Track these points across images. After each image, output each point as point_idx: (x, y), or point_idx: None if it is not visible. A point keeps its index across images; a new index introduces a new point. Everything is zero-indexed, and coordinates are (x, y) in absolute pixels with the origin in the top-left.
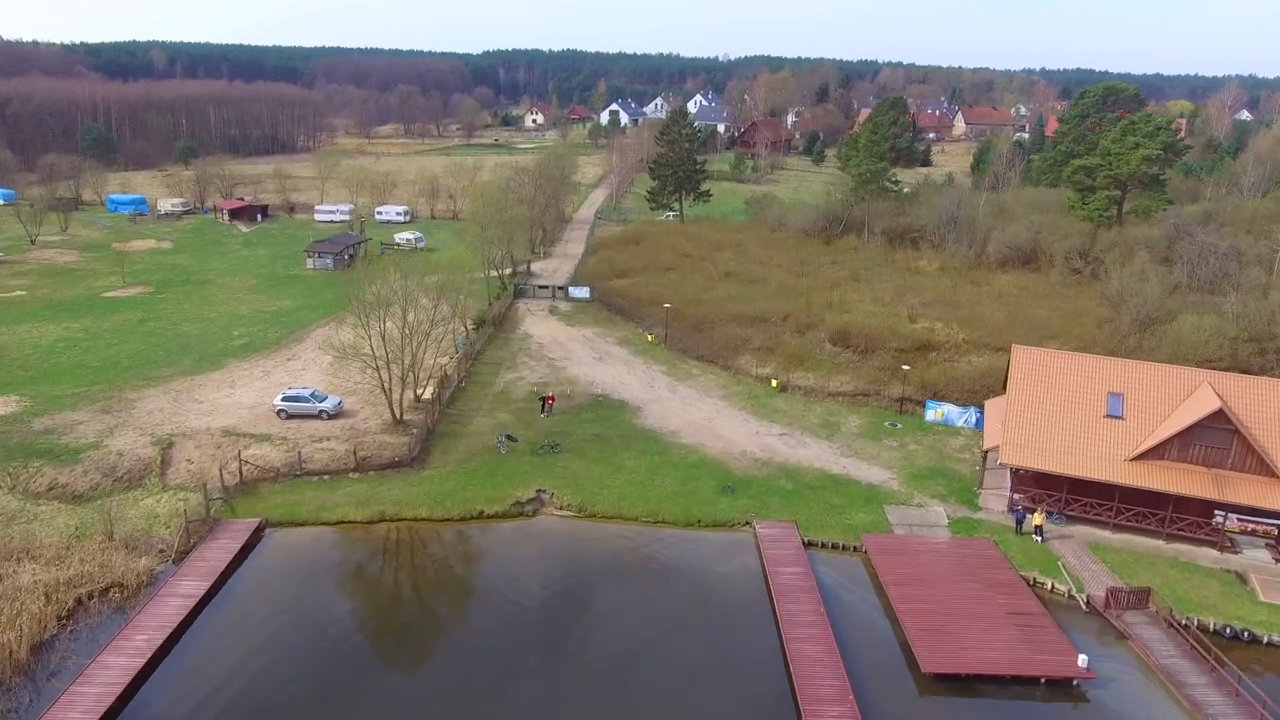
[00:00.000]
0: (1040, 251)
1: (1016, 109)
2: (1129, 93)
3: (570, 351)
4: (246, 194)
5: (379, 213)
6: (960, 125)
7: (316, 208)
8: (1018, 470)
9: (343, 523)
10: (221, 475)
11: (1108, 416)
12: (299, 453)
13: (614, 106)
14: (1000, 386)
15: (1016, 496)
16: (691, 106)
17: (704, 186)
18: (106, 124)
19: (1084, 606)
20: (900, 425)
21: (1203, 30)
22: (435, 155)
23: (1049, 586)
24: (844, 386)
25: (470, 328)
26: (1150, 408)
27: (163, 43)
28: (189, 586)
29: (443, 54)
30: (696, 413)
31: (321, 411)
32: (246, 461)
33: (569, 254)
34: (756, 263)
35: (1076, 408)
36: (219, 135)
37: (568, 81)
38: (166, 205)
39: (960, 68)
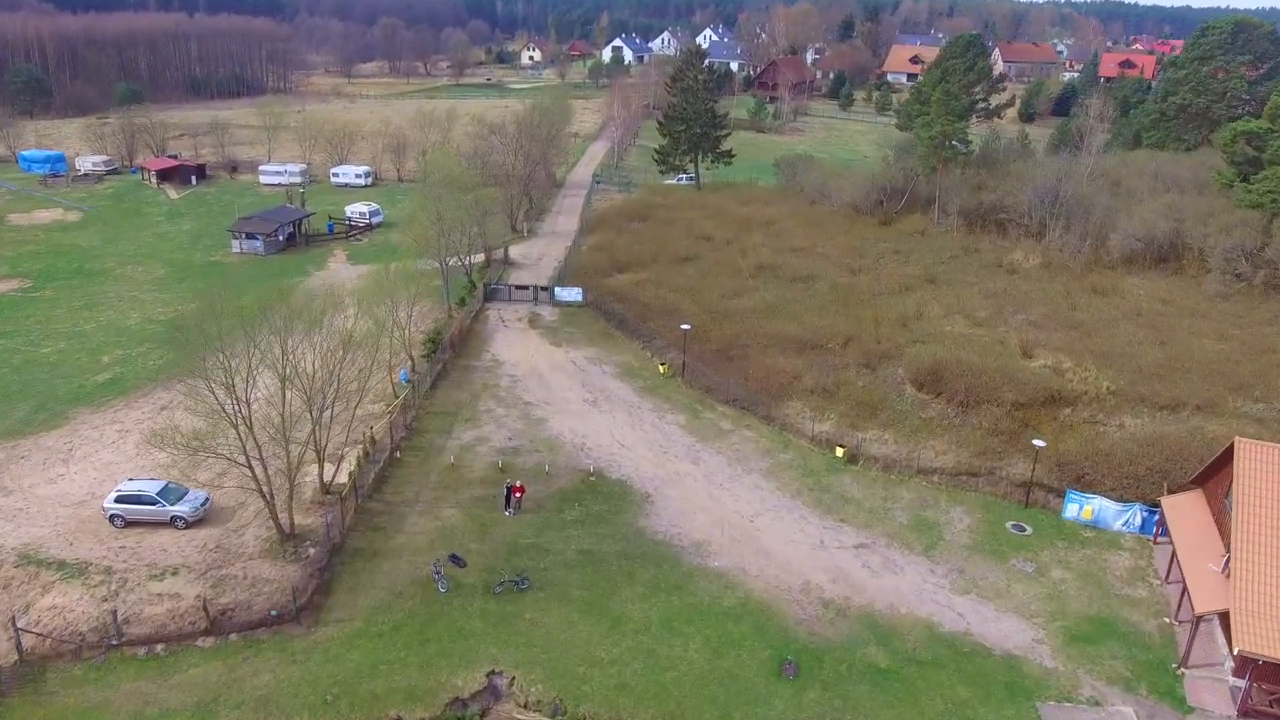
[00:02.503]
0: (1184, 248)
1: (1055, 44)
2: (1263, 29)
3: (553, 390)
4: (186, 149)
5: (335, 174)
6: (999, 64)
7: (261, 168)
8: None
9: None
10: None
11: None
12: (115, 611)
13: (616, 42)
14: (1179, 471)
15: (1253, 692)
16: (701, 42)
17: (725, 145)
18: (42, 63)
19: None
20: (1029, 530)
21: None
22: (419, 97)
23: None
24: (940, 459)
25: (416, 358)
26: None
27: None
28: None
29: None
30: (731, 504)
31: (175, 518)
32: (28, 630)
33: (559, 231)
34: (797, 250)
35: None
36: (182, 75)
37: (568, 14)
38: (86, 164)
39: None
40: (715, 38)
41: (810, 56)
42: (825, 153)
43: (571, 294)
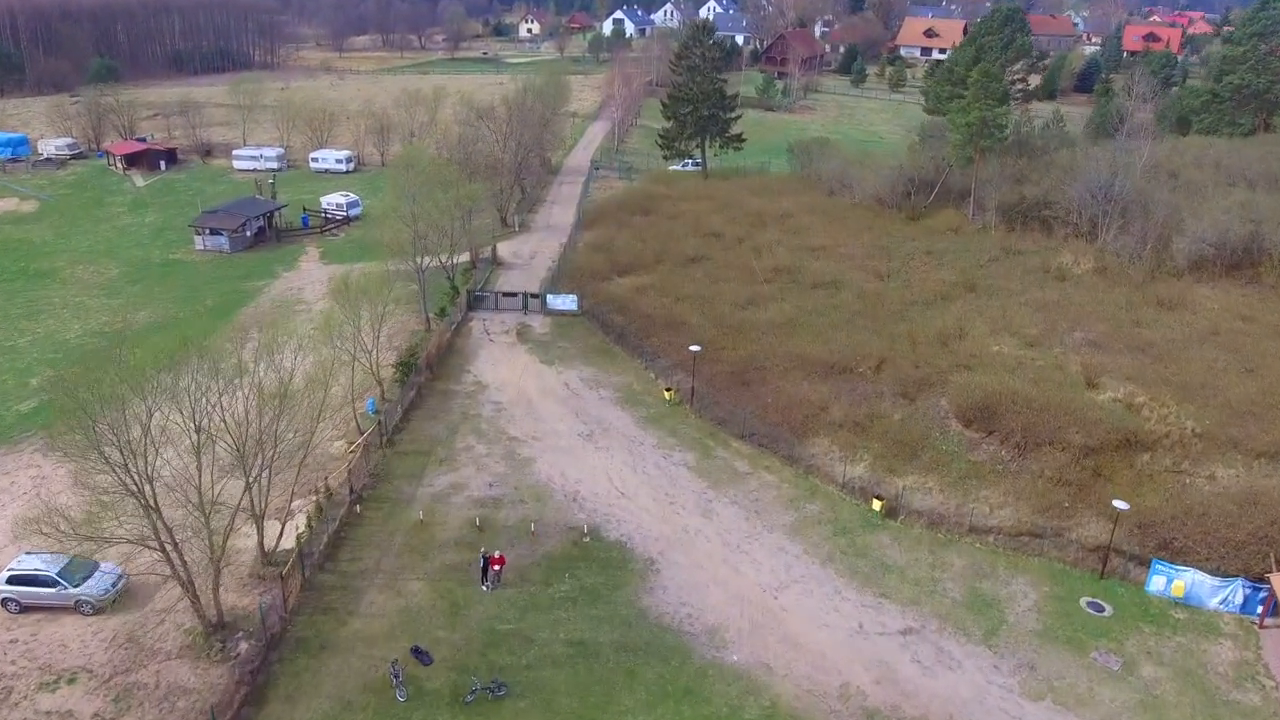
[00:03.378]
0: (1261, 253)
1: (1070, 16)
2: None
3: (543, 421)
4: (159, 130)
5: (314, 159)
6: None
7: (235, 152)
8: None
9: None
10: None
11: None
12: None
13: (618, 14)
14: None
15: None
16: (704, 14)
17: (736, 129)
18: (14, 38)
19: None
20: (1109, 610)
21: None
22: (410, 72)
23: None
24: (996, 516)
25: (387, 383)
26: None
27: None
28: None
29: None
30: (751, 573)
31: (79, 603)
32: None
33: (554, 225)
34: (816, 250)
35: None
36: (164, 50)
37: None
38: (49, 147)
39: None
40: (720, 9)
41: (818, 29)
42: (839, 133)
43: (565, 302)
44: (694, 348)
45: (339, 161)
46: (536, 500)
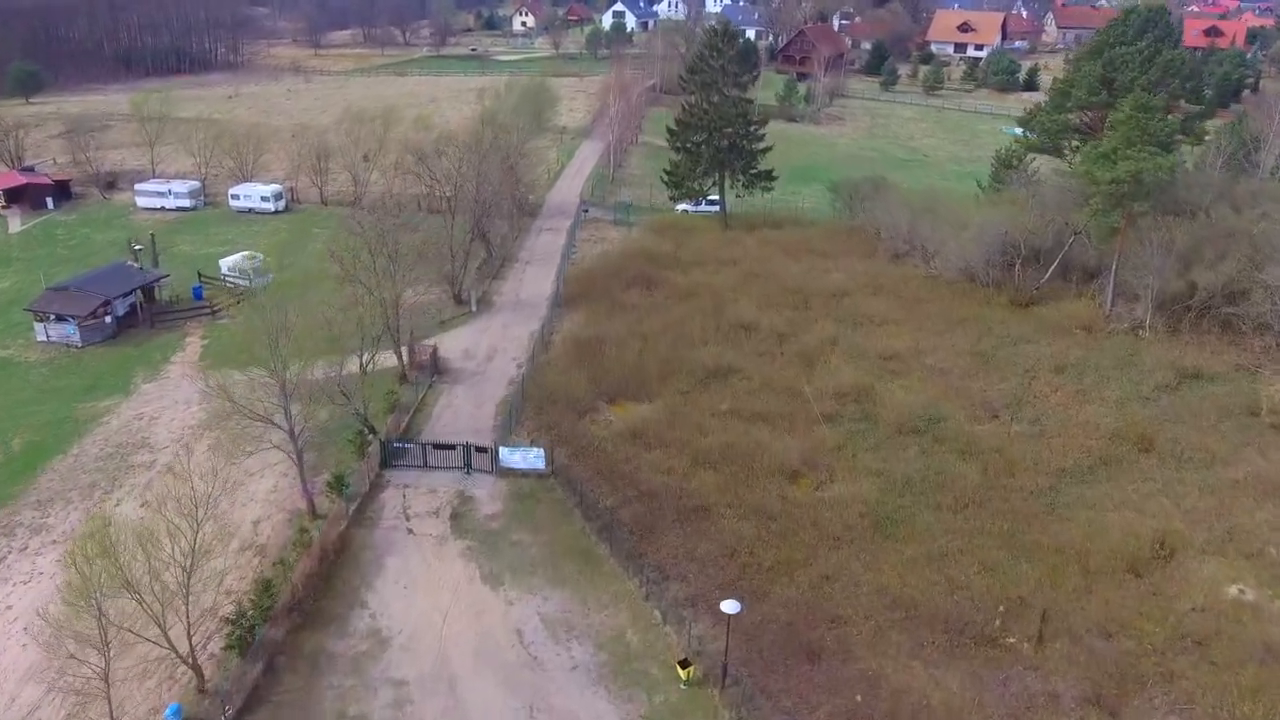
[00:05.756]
0: None
1: (1114, 5)
2: None
3: None
4: (65, 154)
5: (234, 196)
6: (1052, 30)
7: (137, 186)
8: None
9: None
10: None
11: None
12: None
13: (618, 6)
14: None
15: None
16: (712, 4)
17: (764, 163)
18: None
19: None
20: None
21: None
22: (386, 73)
23: None
24: None
25: (215, 655)
26: None
27: None
28: None
29: None
30: None
31: None
32: None
33: (524, 300)
34: (891, 359)
35: None
36: (121, 48)
37: None
38: None
39: None
40: (729, 0)
41: (837, 23)
42: (876, 150)
43: (528, 458)
44: (728, 606)
45: (265, 199)
46: None
